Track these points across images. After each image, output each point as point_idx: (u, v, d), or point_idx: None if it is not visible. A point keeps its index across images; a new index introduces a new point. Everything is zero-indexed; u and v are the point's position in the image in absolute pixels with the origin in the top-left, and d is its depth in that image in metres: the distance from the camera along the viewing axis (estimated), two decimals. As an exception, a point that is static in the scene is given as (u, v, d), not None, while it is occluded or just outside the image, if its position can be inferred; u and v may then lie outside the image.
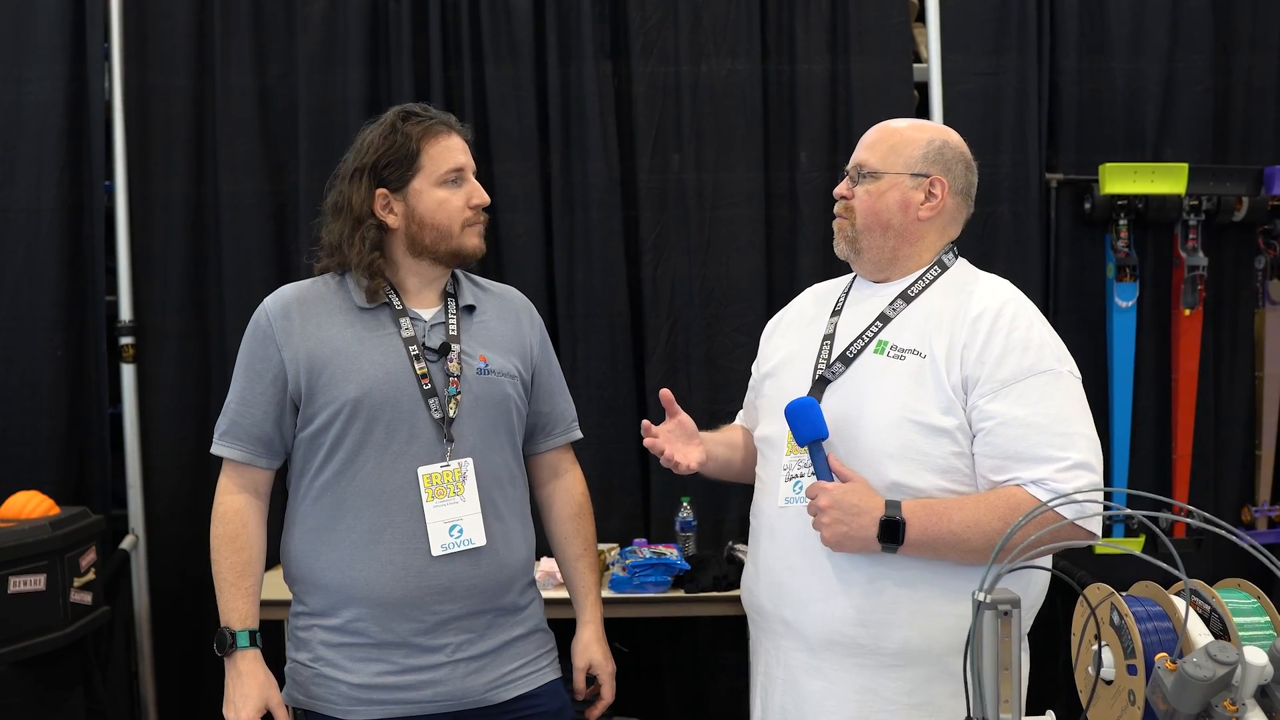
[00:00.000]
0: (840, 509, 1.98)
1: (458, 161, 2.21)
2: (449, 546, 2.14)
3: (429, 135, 2.20)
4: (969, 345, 2.02)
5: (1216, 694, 1.17)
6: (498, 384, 2.24)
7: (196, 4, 3.90)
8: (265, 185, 3.92)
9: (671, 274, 3.89)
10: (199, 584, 3.86)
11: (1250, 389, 4.00)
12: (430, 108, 2.27)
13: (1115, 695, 1.32)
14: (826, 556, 2.06)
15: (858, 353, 2.12)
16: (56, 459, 3.86)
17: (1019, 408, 1.98)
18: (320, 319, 2.19)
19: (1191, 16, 3.89)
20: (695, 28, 3.86)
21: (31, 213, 3.85)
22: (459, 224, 2.21)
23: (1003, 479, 1.99)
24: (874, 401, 2.06)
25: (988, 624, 1.23)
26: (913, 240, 2.17)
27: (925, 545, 1.97)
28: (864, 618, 2.04)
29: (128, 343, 3.89)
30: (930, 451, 2.02)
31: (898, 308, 2.14)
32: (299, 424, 2.20)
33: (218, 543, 2.20)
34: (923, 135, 2.18)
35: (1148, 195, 3.77)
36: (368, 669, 2.14)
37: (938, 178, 2.15)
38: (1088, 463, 1.96)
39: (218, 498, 2.23)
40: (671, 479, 3.84)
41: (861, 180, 2.17)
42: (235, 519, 2.20)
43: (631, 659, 3.87)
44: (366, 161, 2.19)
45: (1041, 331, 2.05)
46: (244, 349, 2.24)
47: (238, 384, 2.23)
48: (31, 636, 3.14)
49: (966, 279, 2.16)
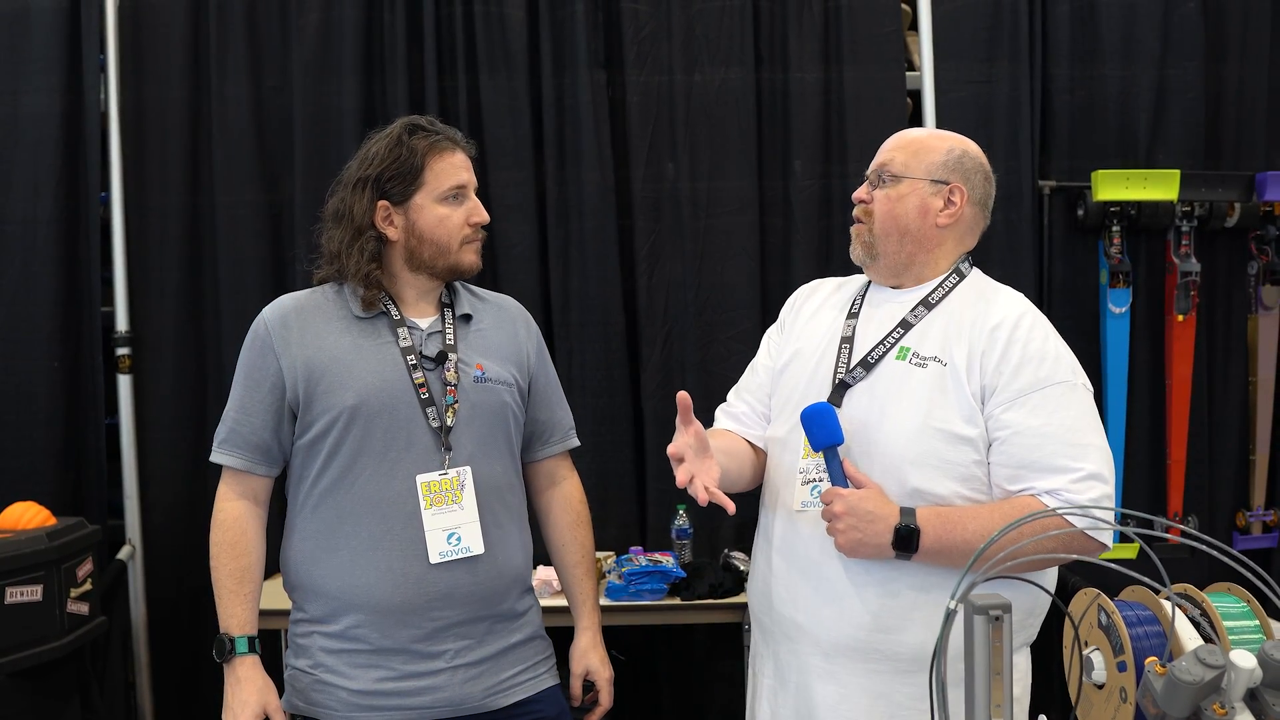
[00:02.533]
0: (855, 515, 1.98)
1: (460, 179, 2.23)
2: (447, 554, 2.15)
3: (434, 151, 2.21)
4: (987, 354, 2.04)
5: (1206, 697, 1.18)
6: (495, 392, 2.25)
7: (192, 16, 3.91)
8: (261, 196, 3.92)
9: (666, 282, 3.89)
10: (196, 594, 3.87)
11: (1244, 394, 4.01)
12: (436, 122, 2.28)
13: (1108, 696, 1.33)
14: (841, 561, 2.06)
15: (879, 358, 2.12)
16: (53, 469, 3.85)
17: (1034, 418, 2.00)
18: (318, 328, 2.20)
19: (1183, 23, 3.90)
20: (689, 37, 3.87)
21: (28, 224, 3.85)
22: (458, 241, 2.23)
23: (1017, 488, 2.00)
24: (896, 408, 2.07)
25: (978, 630, 1.24)
26: (930, 247, 2.18)
27: (939, 553, 1.98)
28: (878, 622, 2.05)
29: (124, 353, 3.89)
30: (952, 459, 2.03)
31: (919, 314, 2.15)
32: (297, 431, 2.21)
33: (217, 549, 2.21)
34: (944, 143, 2.20)
35: (1140, 202, 3.78)
36: (367, 675, 2.15)
37: (957, 185, 2.16)
38: (1101, 474, 1.99)
39: (217, 505, 2.24)
40: (668, 487, 3.84)
41: (881, 184, 2.18)
42: (234, 526, 2.21)
43: (628, 666, 3.88)
44: (370, 173, 2.21)
45: (1056, 345, 2.08)
46: (243, 358, 2.25)
47: (236, 392, 2.23)
48: (28, 647, 3.13)
49: (985, 288, 2.18)
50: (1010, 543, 1.78)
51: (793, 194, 3.89)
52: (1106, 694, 1.34)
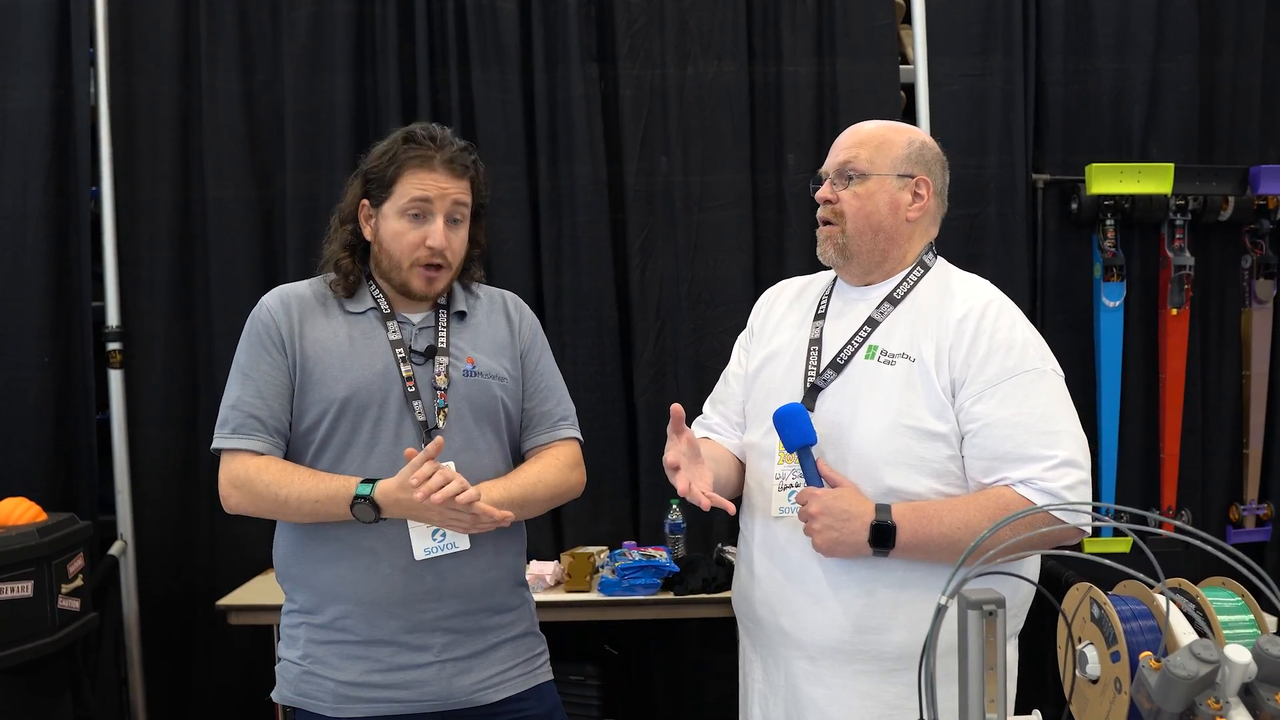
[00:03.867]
0: (831, 515, 1.98)
1: (422, 194, 2.17)
2: (431, 550, 2.13)
3: (411, 164, 2.17)
4: (955, 347, 2.03)
5: (1201, 692, 1.17)
6: (484, 386, 2.23)
7: (182, 10, 3.90)
8: (252, 190, 3.91)
9: (659, 276, 3.89)
10: (188, 589, 3.87)
11: (1237, 388, 4.02)
12: (439, 136, 2.21)
13: (1103, 689, 1.33)
14: (820, 564, 2.06)
15: (848, 359, 2.12)
16: (44, 465, 3.85)
17: (1004, 408, 1.99)
18: (315, 319, 2.21)
19: (1177, 17, 3.91)
20: (681, 30, 3.86)
21: (18, 219, 3.84)
22: (408, 261, 2.19)
23: (991, 480, 2.00)
24: (867, 407, 2.06)
25: (972, 624, 1.23)
26: (900, 242, 2.17)
27: (916, 548, 1.98)
28: (861, 623, 2.05)
29: (115, 348, 3.89)
30: (925, 456, 2.03)
31: (885, 311, 2.14)
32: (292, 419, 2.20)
33: (269, 488, 2.10)
34: (902, 136, 2.19)
35: (1134, 195, 3.79)
36: (355, 667, 2.14)
37: (922, 178, 2.16)
38: (1074, 459, 1.98)
39: (230, 475, 2.15)
40: (660, 482, 3.83)
41: (848, 182, 2.15)
42: (265, 462, 2.13)
43: (621, 661, 3.88)
44: (363, 169, 2.24)
45: (1024, 331, 2.07)
46: (244, 345, 2.21)
47: (248, 381, 2.17)
48: (19, 643, 3.12)
49: (948, 279, 2.17)
50: (994, 540, 1.78)
51: (786, 188, 3.89)
52: (1101, 687, 1.33)
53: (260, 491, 2.11)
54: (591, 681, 3.74)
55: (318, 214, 3.85)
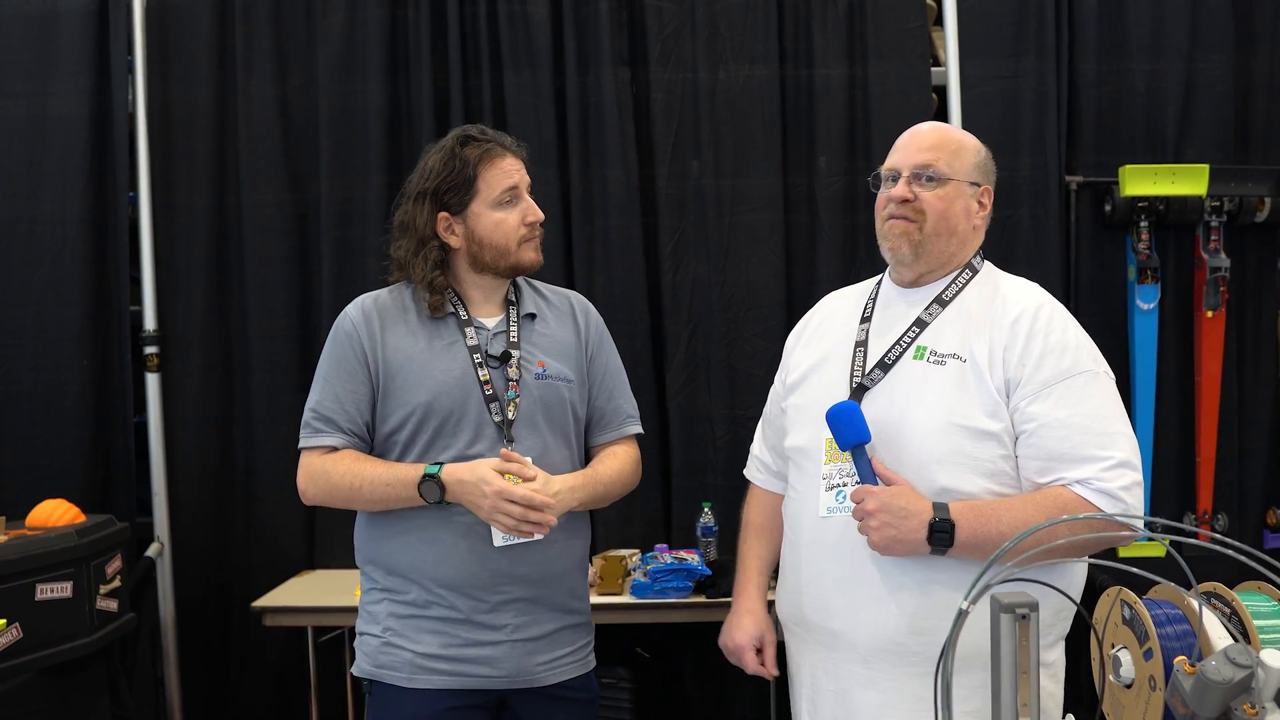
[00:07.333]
0: (889, 512, 1.97)
1: (511, 182, 2.34)
2: (509, 538, 2.25)
3: (485, 159, 2.32)
4: (1010, 348, 2.04)
5: (1236, 697, 1.17)
6: (554, 388, 2.37)
7: (218, 17, 3.94)
8: (286, 195, 3.95)
9: (691, 280, 3.89)
10: (224, 590, 3.91)
11: (1274, 391, 3.97)
12: (488, 130, 2.39)
13: (1139, 691, 1.32)
14: (874, 564, 2.05)
15: (896, 359, 2.12)
16: (82, 467, 3.90)
17: (1060, 409, 2.00)
18: (396, 327, 2.34)
19: (1211, 16, 3.87)
20: (713, 34, 3.87)
21: (57, 224, 3.90)
22: (515, 241, 2.35)
23: (1047, 480, 2.00)
24: (918, 407, 2.06)
25: (1005, 628, 1.23)
26: (968, 248, 2.20)
27: (974, 547, 1.96)
28: (916, 624, 2.03)
29: (152, 352, 3.93)
30: (978, 455, 2.02)
31: (934, 312, 2.15)
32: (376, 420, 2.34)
33: (344, 478, 2.26)
34: (971, 143, 2.22)
35: (1168, 197, 3.76)
36: (433, 640, 2.26)
37: (987, 188, 2.21)
38: (1130, 461, 2.00)
39: (307, 470, 2.32)
40: (692, 484, 3.85)
41: (928, 183, 2.15)
42: (339, 455, 2.29)
43: (653, 664, 3.88)
44: (428, 186, 2.33)
45: (1076, 333, 2.08)
46: (329, 351, 2.37)
47: (327, 386, 2.33)
48: (58, 644, 3.16)
49: (998, 282, 2.19)
50: (1046, 537, 1.78)
51: (817, 191, 3.88)
52: (1136, 689, 1.33)
53: (335, 481, 2.27)
54: (623, 684, 3.75)
55: (352, 218, 3.89)
